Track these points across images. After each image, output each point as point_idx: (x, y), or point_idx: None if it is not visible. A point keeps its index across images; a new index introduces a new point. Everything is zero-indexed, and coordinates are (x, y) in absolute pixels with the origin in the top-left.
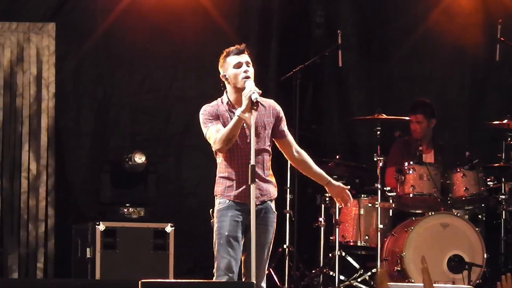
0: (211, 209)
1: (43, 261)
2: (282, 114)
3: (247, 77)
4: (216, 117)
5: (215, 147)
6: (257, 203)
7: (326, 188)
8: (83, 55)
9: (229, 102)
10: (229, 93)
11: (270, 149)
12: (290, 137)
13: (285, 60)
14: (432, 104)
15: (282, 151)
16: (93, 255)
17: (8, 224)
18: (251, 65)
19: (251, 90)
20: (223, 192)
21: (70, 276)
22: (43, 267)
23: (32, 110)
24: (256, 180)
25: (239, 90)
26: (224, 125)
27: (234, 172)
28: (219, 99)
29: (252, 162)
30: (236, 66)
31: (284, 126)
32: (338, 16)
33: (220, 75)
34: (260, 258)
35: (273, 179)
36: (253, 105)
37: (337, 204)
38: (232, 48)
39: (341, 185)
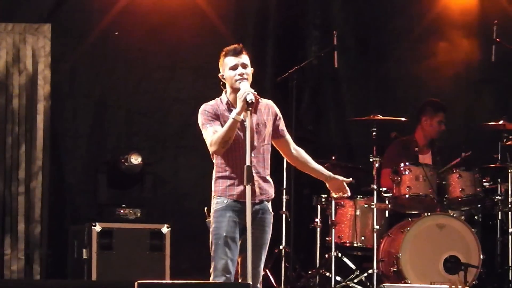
0: (206, 208)
1: (40, 262)
2: (279, 113)
3: (242, 79)
4: (216, 116)
5: (211, 149)
6: (256, 201)
7: (327, 184)
8: (79, 56)
9: (228, 102)
10: (228, 93)
11: (270, 148)
12: (288, 136)
13: (282, 61)
14: None
15: (279, 150)
16: (89, 256)
17: (5, 225)
18: (248, 66)
19: (246, 91)
20: (224, 192)
21: (67, 277)
22: (39, 268)
23: (28, 111)
24: (257, 178)
25: (236, 91)
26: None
27: (236, 171)
28: (218, 99)
29: (248, 163)
30: (232, 68)
31: (282, 125)
32: (334, 17)
33: (219, 74)
34: (257, 259)
35: (271, 180)
36: (248, 106)
37: (333, 204)
38: (230, 47)
39: (343, 178)
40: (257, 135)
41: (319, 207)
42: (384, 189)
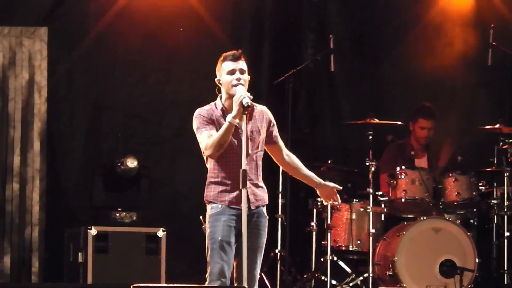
0: (201, 216)
1: (36, 265)
2: (273, 119)
3: (238, 84)
4: (211, 121)
5: (206, 153)
6: (252, 208)
7: (317, 190)
8: (76, 59)
9: (223, 108)
10: (223, 99)
11: (263, 154)
12: (281, 142)
13: (278, 64)
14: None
15: (272, 156)
16: (85, 259)
17: (1, 228)
18: (246, 72)
19: (242, 95)
20: (216, 197)
21: (62, 280)
22: (35, 271)
23: (24, 115)
24: (250, 185)
25: (231, 97)
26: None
27: (229, 177)
28: (212, 104)
29: (244, 166)
30: (229, 73)
31: (276, 131)
32: (331, 20)
33: (216, 79)
34: (253, 262)
35: (264, 185)
36: (244, 109)
37: (329, 208)
38: (229, 53)
39: (334, 185)
40: (251, 142)
41: (315, 210)
42: (380, 193)
